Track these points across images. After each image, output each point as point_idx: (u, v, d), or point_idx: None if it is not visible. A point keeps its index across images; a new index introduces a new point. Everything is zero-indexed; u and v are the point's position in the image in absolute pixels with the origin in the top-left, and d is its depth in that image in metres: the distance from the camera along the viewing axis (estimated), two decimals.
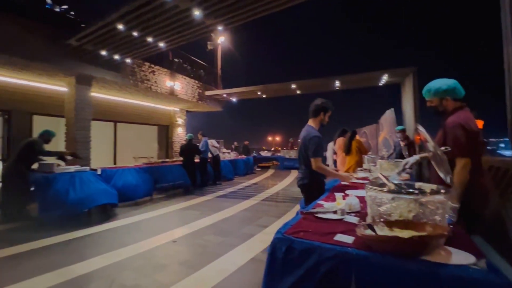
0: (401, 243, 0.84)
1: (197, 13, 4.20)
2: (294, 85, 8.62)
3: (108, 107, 8.28)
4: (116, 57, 6.00)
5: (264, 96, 10.20)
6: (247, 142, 13.35)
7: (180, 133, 10.81)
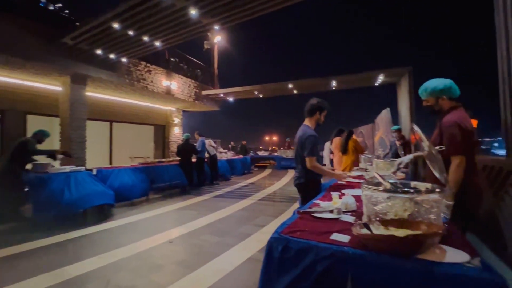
0: (396, 241, 0.85)
1: (193, 12, 4.18)
2: (291, 85, 8.63)
3: (103, 106, 8.21)
4: (111, 56, 5.95)
5: (261, 95, 10.21)
6: (245, 142, 13.28)
7: (176, 133, 10.76)
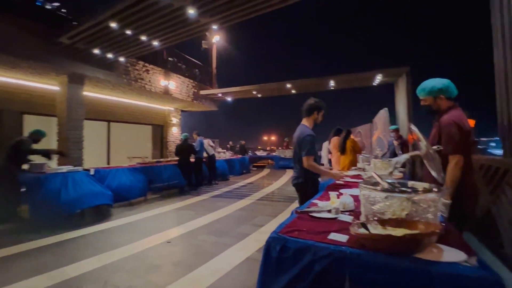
0: (394, 241, 0.85)
1: (191, 11, 4.17)
2: (289, 85, 8.64)
3: (101, 106, 8.17)
4: (109, 55, 5.92)
5: (259, 95, 10.21)
6: (243, 141, 13.20)
7: (174, 133, 10.73)
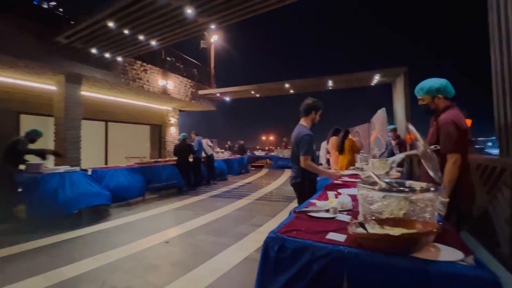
0: (391, 240, 0.85)
1: (189, 11, 4.16)
2: (287, 85, 8.64)
3: (99, 106, 8.13)
4: (106, 55, 5.90)
5: (257, 95, 10.21)
6: (242, 141, 13.17)
7: (173, 133, 10.71)
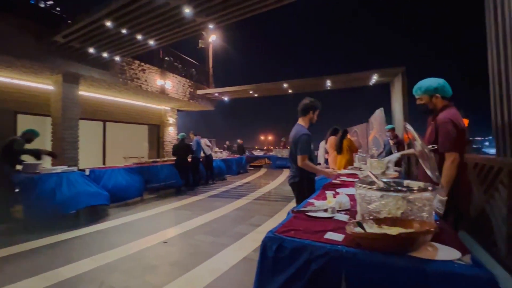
0: (389, 240, 0.86)
1: (187, 10, 4.15)
2: (286, 84, 8.64)
3: (96, 106, 8.10)
4: (104, 54, 5.87)
5: (256, 95, 10.20)
6: (241, 141, 13.08)
7: (171, 133, 10.68)
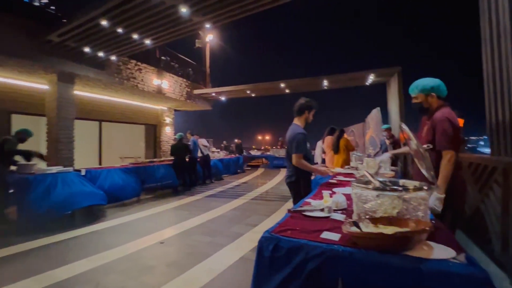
0: (385, 239, 0.86)
1: (184, 10, 4.12)
2: (283, 84, 8.64)
3: (92, 105, 8.03)
4: (100, 54, 5.82)
5: (253, 95, 10.19)
6: (239, 140, 12.90)
7: (168, 133, 10.63)
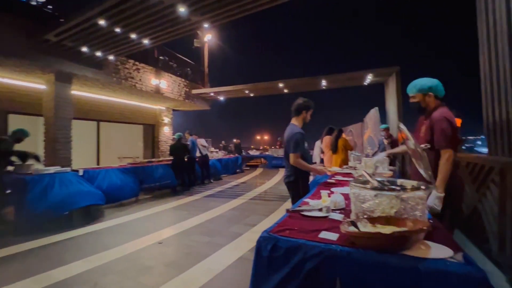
0: (382, 238, 0.86)
1: (182, 9, 4.11)
2: (281, 84, 8.64)
3: (90, 105, 7.98)
4: (98, 53, 5.79)
5: (251, 95, 10.18)
6: (238, 140, 12.87)
7: (166, 132, 10.60)
